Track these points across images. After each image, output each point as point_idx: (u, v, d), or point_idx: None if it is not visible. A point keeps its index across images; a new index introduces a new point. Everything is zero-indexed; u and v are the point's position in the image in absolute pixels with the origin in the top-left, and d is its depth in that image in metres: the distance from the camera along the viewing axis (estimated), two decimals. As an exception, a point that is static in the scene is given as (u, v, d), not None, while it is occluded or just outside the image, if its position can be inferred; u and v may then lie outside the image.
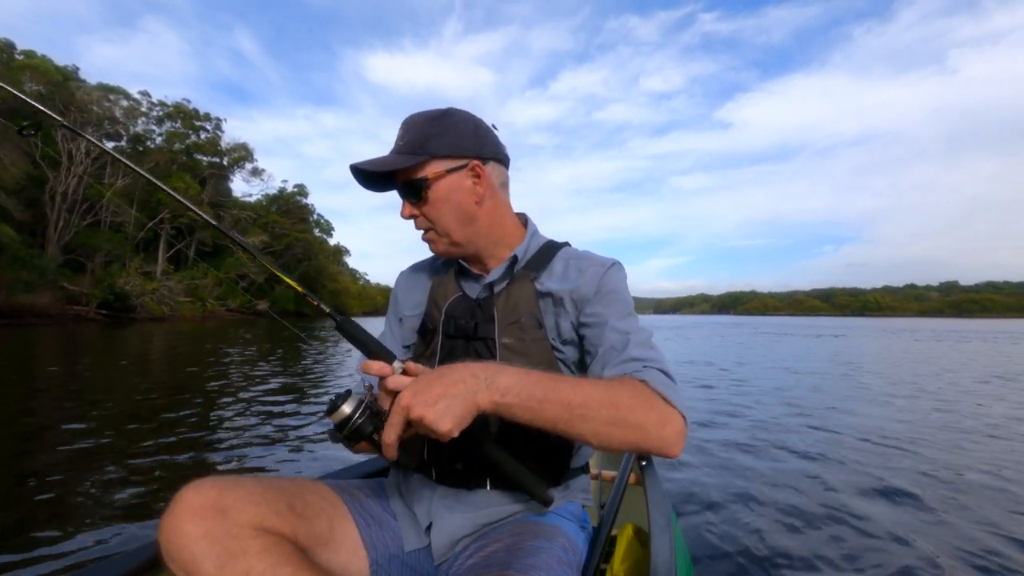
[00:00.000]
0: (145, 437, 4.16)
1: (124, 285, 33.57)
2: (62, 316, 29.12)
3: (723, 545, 2.38)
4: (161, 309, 35.81)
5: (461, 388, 0.73)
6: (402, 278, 1.20)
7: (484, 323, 0.98)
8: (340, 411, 0.77)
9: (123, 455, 3.67)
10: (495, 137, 1.02)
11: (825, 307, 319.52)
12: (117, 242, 36.96)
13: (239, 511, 0.75)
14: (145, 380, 7.53)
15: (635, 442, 0.78)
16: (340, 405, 0.77)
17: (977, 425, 5.05)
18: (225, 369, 8.82)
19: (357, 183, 0.99)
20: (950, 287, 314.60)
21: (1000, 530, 2.59)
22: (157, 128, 46.82)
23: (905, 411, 5.82)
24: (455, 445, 0.84)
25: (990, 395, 7.05)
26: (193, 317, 38.57)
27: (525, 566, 0.76)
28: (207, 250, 47.63)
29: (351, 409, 0.77)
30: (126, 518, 2.60)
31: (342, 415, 0.77)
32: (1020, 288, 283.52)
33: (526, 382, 0.75)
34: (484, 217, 1.00)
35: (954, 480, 3.37)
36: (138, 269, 36.49)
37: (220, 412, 5.24)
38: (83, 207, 35.40)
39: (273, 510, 0.79)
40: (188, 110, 48.87)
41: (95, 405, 5.41)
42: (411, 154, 0.94)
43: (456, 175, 0.96)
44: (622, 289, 1.00)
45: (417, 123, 0.96)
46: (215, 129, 51.71)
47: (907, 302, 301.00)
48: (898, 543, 2.42)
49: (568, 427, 0.75)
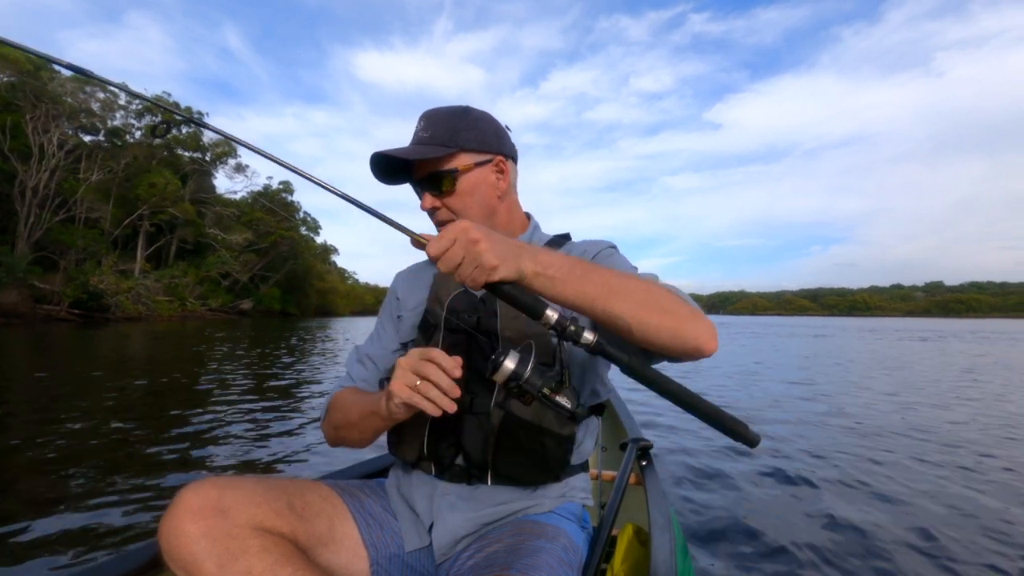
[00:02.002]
0: (132, 443, 3.98)
1: (98, 283, 32.03)
2: (31, 316, 27.78)
3: (723, 545, 2.37)
4: (137, 309, 34.32)
5: (512, 245, 0.74)
6: (402, 278, 1.19)
7: (487, 317, 0.98)
8: (504, 368, 0.73)
9: (106, 465, 3.45)
10: (510, 137, 1.06)
11: (814, 307, 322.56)
12: (92, 239, 35.42)
13: (239, 511, 0.76)
14: (123, 381, 7.14)
15: (671, 329, 0.76)
16: (502, 361, 0.73)
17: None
18: (210, 369, 8.52)
19: (372, 175, 0.99)
20: (935, 287, 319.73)
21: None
22: (136, 122, 45.29)
23: (911, 410, 5.78)
24: (452, 438, 0.93)
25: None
26: (171, 317, 37.07)
27: (526, 566, 0.76)
28: (188, 248, 46.18)
29: (514, 364, 0.73)
30: (114, 534, 2.43)
31: (506, 372, 0.73)
32: (1002, 288, 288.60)
33: (565, 261, 0.76)
34: (503, 212, 1.04)
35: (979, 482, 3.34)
36: (113, 267, 34.95)
37: (211, 415, 5.05)
38: (56, 202, 33.91)
39: (273, 510, 0.80)
40: (169, 103, 47.08)
41: (70, 408, 5.13)
42: (440, 145, 0.95)
43: (483, 169, 0.99)
44: (624, 259, 1.02)
45: (442, 117, 0.98)
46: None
47: (894, 302, 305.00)
48: (898, 544, 2.42)
49: (606, 304, 0.74)
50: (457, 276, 0.72)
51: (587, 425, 1.07)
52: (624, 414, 2.32)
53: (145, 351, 12.32)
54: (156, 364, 9.49)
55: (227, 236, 46.86)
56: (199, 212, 46.37)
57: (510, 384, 0.73)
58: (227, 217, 48.82)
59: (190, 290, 41.81)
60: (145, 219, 41.16)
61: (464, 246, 0.70)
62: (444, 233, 0.72)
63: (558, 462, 0.97)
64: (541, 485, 0.99)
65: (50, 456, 3.60)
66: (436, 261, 0.72)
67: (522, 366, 0.73)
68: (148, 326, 26.41)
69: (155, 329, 23.00)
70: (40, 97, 32.37)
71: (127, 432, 4.31)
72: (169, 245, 45.33)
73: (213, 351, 12.04)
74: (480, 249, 0.70)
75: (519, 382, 0.73)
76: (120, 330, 21.99)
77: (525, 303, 0.74)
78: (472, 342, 0.98)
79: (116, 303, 33.04)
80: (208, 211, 47.64)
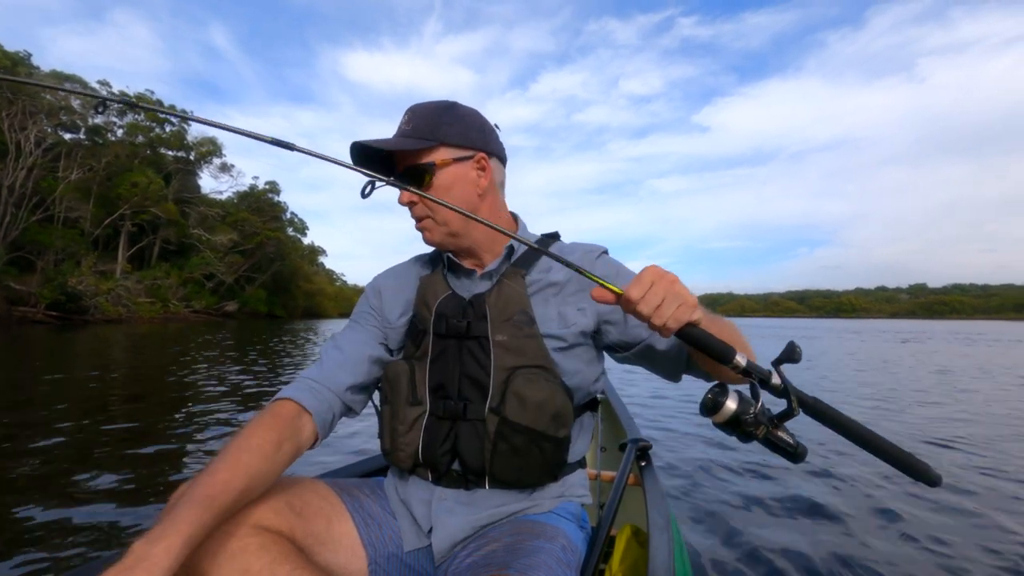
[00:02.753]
0: (121, 446, 3.87)
1: (77, 284, 31.15)
2: (6, 318, 26.99)
3: (722, 545, 2.35)
4: (117, 311, 33.49)
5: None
6: (383, 284, 1.12)
7: (477, 321, 0.96)
8: (725, 408, 0.72)
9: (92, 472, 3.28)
10: (497, 136, 1.03)
11: (801, 308, 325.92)
12: (71, 239, 34.55)
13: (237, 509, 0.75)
14: (106, 385, 6.89)
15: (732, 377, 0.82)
16: (723, 402, 0.72)
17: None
18: (197, 372, 8.34)
19: (350, 168, 0.92)
20: (918, 289, 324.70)
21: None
22: (119, 120, 44.37)
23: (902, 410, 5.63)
24: (448, 445, 0.94)
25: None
26: (153, 319, 36.19)
27: (524, 565, 0.76)
28: (172, 249, 45.28)
29: (736, 404, 0.72)
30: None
31: (728, 413, 0.72)
32: (984, 290, 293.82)
33: (706, 312, 0.80)
34: (484, 210, 1.00)
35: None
36: (93, 267, 34.04)
37: (201, 417, 4.95)
38: (33, 201, 33.03)
39: (271, 508, 0.79)
40: (152, 101, 46.46)
41: (50, 413, 4.95)
42: (420, 138, 0.94)
43: (463, 165, 0.96)
44: (624, 267, 1.02)
45: (426, 110, 0.96)
46: (181, 122, 49.30)
47: (879, 303, 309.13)
48: (899, 544, 2.43)
49: (731, 345, 0.78)
50: (658, 318, 0.72)
51: (581, 423, 1.04)
52: (623, 414, 2.28)
53: (123, 354, 11.95)
54: (133, 368, 9.14)
55: (212, 237, 46.05)
56: (183, 212, 45.51)
57: (736, 420, 0.72)
58: (212, 217, 47.94)
59: (173, 292, 40.96)
60: (127, 219, 40.27)
61: (665, 287, 0.71)
62: (642, 276, 0.73)
63: (555, 462, 0.96)
64: (539, 486, 0.97)
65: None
66: (635, 304, 0.72)
67: (747, 404, 0.72)
68: (129, 328, 25.76)
69: (136, 331, 22.47)
70: (17, 94, 31.45)
71: (102, 433, 4.16)
72: (152, 246, 44.39)
73: (192, 354, 11.71)
74: (680, 288, 0.71)
75: (749, 416, 0.71)
76: (99, 333, 21.43)
77: (716, 347, 0.74)
78: (463, 347, 0.96)
79: (95, 305, 32.15)
80: (192, 211, 46.77)
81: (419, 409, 0.98)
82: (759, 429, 0.71)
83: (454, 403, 0.95)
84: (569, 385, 0.96)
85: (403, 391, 0.98)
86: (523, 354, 0.93)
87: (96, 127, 41.64)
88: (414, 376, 0.99)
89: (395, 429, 0.98)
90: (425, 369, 0.98)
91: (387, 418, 1.00)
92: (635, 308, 0.72)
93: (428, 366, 0.98)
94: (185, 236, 45.22)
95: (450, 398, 0.96)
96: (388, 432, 1.00)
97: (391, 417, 0.99)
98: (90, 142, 40.40)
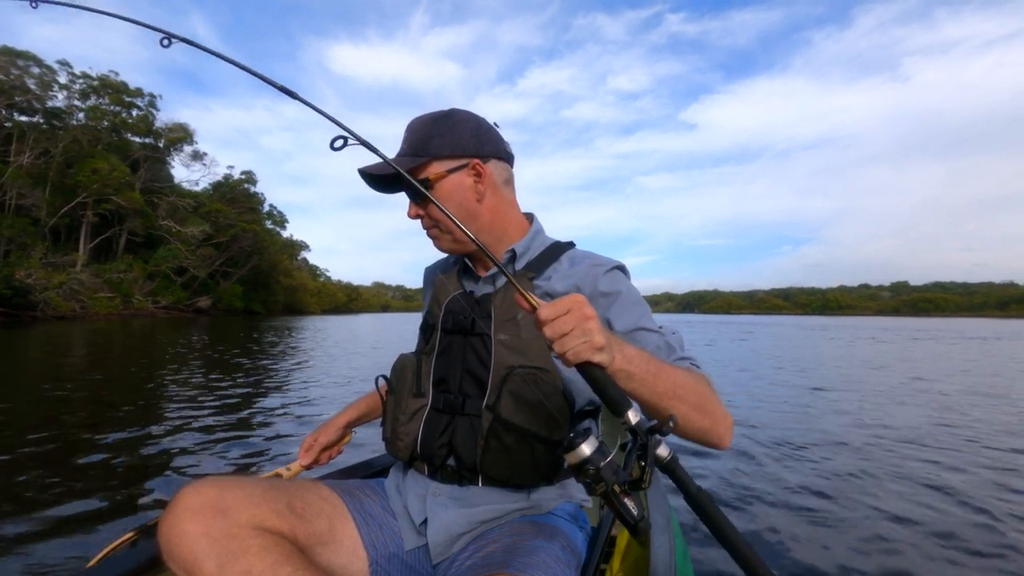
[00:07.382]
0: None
1: (25, 278, 28.47)
2: (-59, 314, 24.35)
3: (722, 546, 1.70)
4: (70, 306, 30.83)
5: (607, 333, 0.74)
6: (427, 275, 1.22)
7: (481, 319, 0.99)
8: (578, 451, 0.68)
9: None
10: (496, 135, 1.03)
11: (787, 306, 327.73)
12: (21, 228, 31.79)
13: (239, 511, 0.77)
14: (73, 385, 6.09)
15: (705, 429, 0.82)
16: (579, 444, 0.68)
17: None
18: (177, 372, 7.81)
19: (367, 186, 1.00)
20: (900, 287, 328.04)
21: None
22: (80, 102, 41.46)
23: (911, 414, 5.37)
24: (445, 439, 0.96)
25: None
26: (111, 315, 33.59)
27: (523, 564, 0.77)
28: (138, 240, 42.53)
29: (589, 452, 0.68)
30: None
31: (578, 456, 0.68)
32: (965, 289, 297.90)
33: (643, 358, 0.77)
34: (486, 214, 1.02)
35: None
36: (43, 259, 31.35)
37: (192, 420, 4.65)
38: (-22, 187, 30.28)
39: (273, 510, 0.80)
40: (115, 83, 43.48)
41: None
42: (413, 156, 0.97)
43: (457, 175, 0.98)
44: (632, 290, 1.00)
45: (419, 126, 0.99)
46: (148, 106, 46.35)
47: (863, 301, 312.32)
48: (899, 544, 2.41)
49: (668, 403, 0.77)
50: (559, 345, 0.70)
51: (581, 426, 1.02)
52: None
53: (56, 355, 10.21)
54: (100, 367, 7.97)
55: (183, 229, 43.37)
56: (152, 203, 42.76)
57: (581, 468, 0.68)
58: (183, 208, 45.24)
59: (138, 286, 38.29)
60: (88, 208, 37.53)
61: (577, 319, 0.69)
62: (561, 301, 0.70)
63: (549, 466, 0.95)
64: (535, 487, 0.97)
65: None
66: (543, 325, 0.70)
67: (598, 456, 0.68)
68: (84, 325, 23.60)
69: (92, 328, 20.59)
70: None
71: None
72: (118, 237, 41.62)
73: (169, 351, 10.08)
74: (592, 327, 0.69)
75: (592, 468, 0.67)
76: (49, 329, 19.50)
77: (612, 395, 0.72)
78: (467, 343, 0.99)
79: (44, 299, 29.49)
80: (163, 201, 44.02)
81: (421, 401, 1.01)
82: (598, 485, 0.67)
83: (454, 397, 0.97)
84: (569, 389, 0.95)
85: (408, 382, 1.03)
86: (524, 354, 0.95)
87: (55, 110, 38.72)
88: (420, 369, 1.04)
89: (396, 419, 1.02)
90: (431, 363, 1.03)
91: (390, 408, 1.05)
92: (542, 328, 0.70)
93: (434, 360, 1.02)
94: (153, 228, 42.49)
95: (451, 392, 0.98)
96: (390, 421, 1.04)
97: (394, 407, 1.04)
98: (48, 125, 37.54)
